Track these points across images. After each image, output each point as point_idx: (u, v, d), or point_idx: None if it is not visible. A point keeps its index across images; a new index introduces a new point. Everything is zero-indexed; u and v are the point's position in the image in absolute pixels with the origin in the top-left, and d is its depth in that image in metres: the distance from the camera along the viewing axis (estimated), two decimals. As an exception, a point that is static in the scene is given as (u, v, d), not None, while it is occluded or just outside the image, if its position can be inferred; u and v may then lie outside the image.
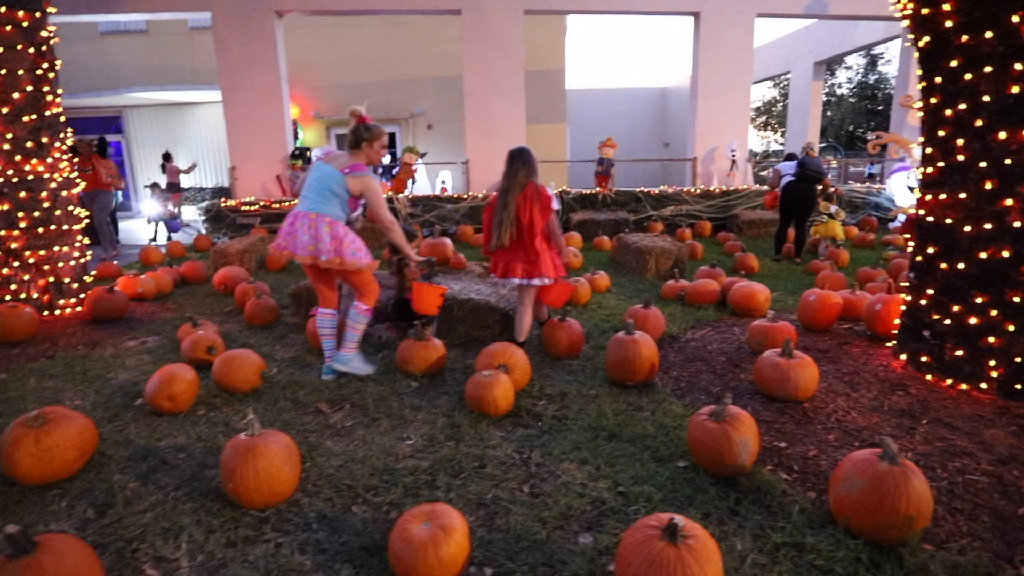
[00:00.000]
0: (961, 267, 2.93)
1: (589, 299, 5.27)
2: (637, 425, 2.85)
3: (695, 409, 3.03)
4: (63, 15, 9.07)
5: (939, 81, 2.88)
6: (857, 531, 1.94)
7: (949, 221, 2.95)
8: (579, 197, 10.36)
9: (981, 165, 2.79)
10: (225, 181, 16.73)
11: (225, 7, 10.02)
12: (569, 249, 6.75)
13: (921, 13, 2.84)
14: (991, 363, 2.88)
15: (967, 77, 2.73)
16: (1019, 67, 2.61)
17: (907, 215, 7.90)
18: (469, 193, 10.51)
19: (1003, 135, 2.71)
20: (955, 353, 3.03)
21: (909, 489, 1.87)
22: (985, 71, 2.69)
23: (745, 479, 2.34)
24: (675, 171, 17.57)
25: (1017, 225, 2.74)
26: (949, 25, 2.73)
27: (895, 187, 10.97)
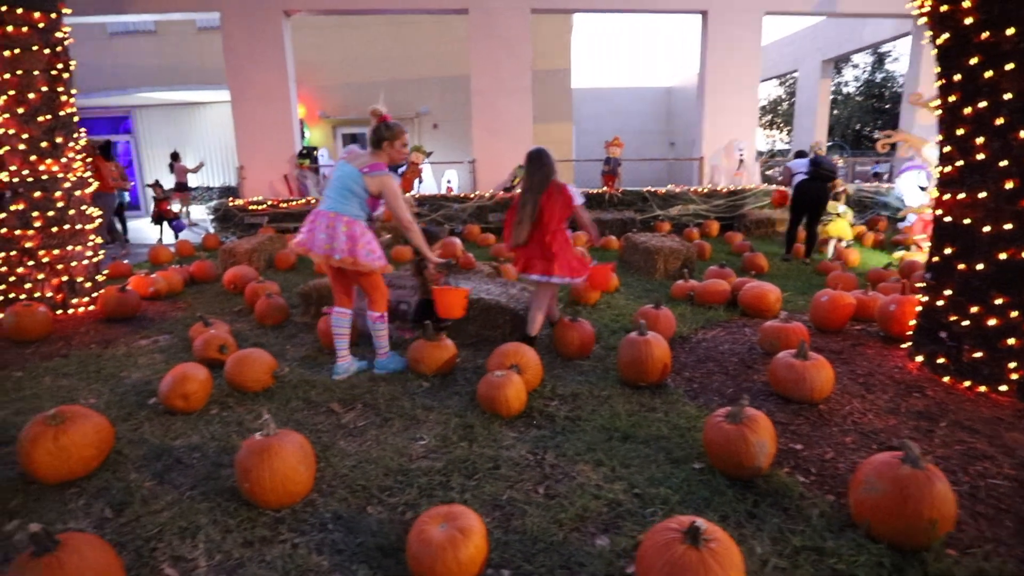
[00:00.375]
0: (980, 268, 2.90)
1: (599, 299, 5.25)
2: (651, 426, 2.83)
3: (708, 410, 3.02)
4: (74, 16, 9.11)
5: (958, 79, 2.85)
6: (878, 535, 1.92)
7: (968, 221, 2.92)
8: (585, 196, 10.32)
9: (1001, 164, 2.76)
10: (233, 180, 16.80)
11: (233, 7, 10.05)
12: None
13: (940, 10, 2.81)
14: (1011, 365, 2.84)
15: (987, 75, 2.70)
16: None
17: (918, 215, 7.84)
18: (476, 192, 10.51)
19: (1024, 134, 2.68)
20: (973, 355, 3.00)
21: (932, 493, 1.85)
22: (1006, 68, 2.66)
23: (762, 481, 2.32)
24: (681, 170, 17.52)
25: (1038, 225, 2.71)
26: (969, 22, 2.70)
27: (905, 186, 10.90)
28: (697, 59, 11.51)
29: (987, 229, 2.85)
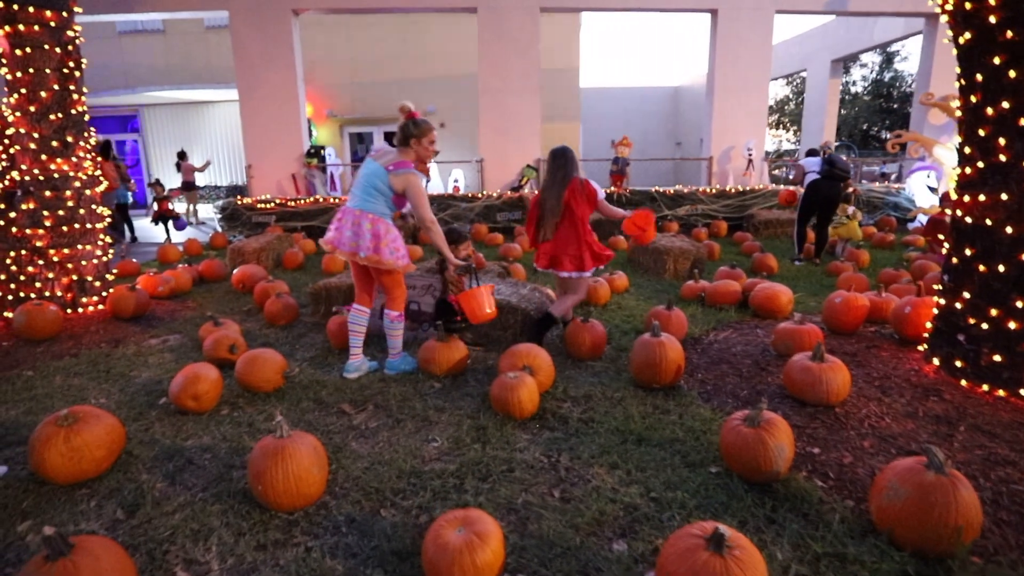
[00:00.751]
0: (1001, 270, 2.85)
1: (608, 299, 5.22)
2: (665, 429, 2.80)
3: (723, 413, 2.99)
4: (83, 15, 9.13)
5: (980, 78, 2.80)
6: (902, 542, 1.89)
7: (989, 222, 2.87)
8: (595, 196, 10.30)
9: (1024, 165, 2.71)
10: (240, 179, 16.85)
11: (242, 6, 10.06)
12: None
13: (964, 8, 2.76)
14: (1031, 369, 2.80)
15: (1011, 74, 2.65)
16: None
17: (929, 215, 7.76)
18: (483, 192, 10.48)
19: (1048, 134, 2.63)
20: (992, 358, 2.95)
21: (958, 499, 1.81)
22: (1030, 68, 2.61)
23: (780, 486, 2.28)
24: (688, 170, 17.46)
25: (1060, 227, 2.66)
26: (993, 20, 2.65)
27: (915, 187, 10.81)
28: (705, 59, 11.45)
29: (1009, 231, 2.80)
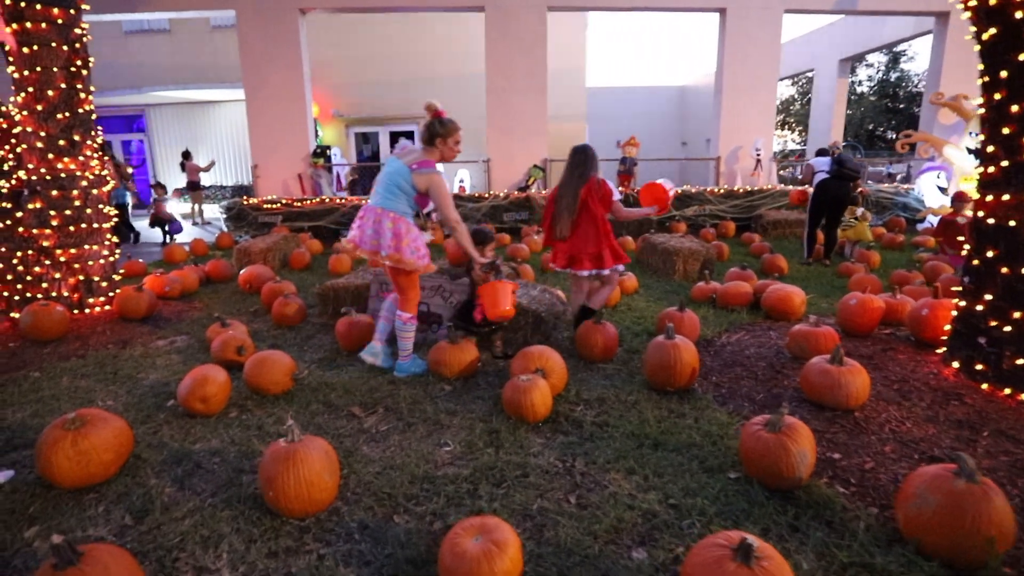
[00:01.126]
0: (1025, 271, 2.79)
1: (618, 301, 5.17)
2: (681, 433, 2.75)
3: (739, 417, 2.93)
4: (90, 14, 9.14)
5: (1005, 75, 2.73)
6: (931, 552, 1.83)
7: (1013, 223, 2.81)
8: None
9: (1050, 164, 2.65)
10: (245, 179, 16.86)
11: (249, 5, 10.04)
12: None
13: (988, 4, 2.70)
14: (1056, 373, 2.73)
15: (1038, 71, 2.60)
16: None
17: (940, 216, 7.68)
18: (490, 192, 10.43)
19: (1074, 133, 2.56)
20: (1015, 361, 2.89)
21: (990, 508, 1.75)
22: (1057, 65, 2.55)
23: (802, 492, 2.23)
24: (694, 171, 17.38)
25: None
26: (1020, 16, 2.59)
27: (925, 187, 10.70)
28: (712, 58, 11.38)
29: (1034, 231, 2.74)
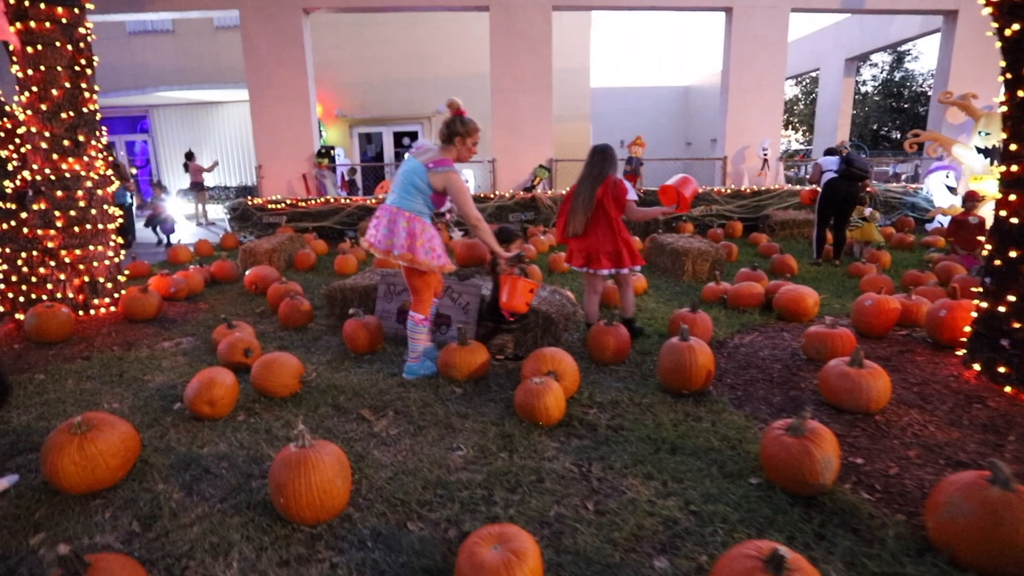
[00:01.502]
0: (1051, 272, 2.72)
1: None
2: (699, 437, 2.69)
3: (757, 420, 2.87)
4: (94, 14, 9.11)
5: (1029, 71, 2.67)
6: (964, 562, 1.77)
7: (1038, 222, 2.75)
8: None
9: (1076, 162, 2.58)
10: (249, 180, 16.83)
11: (253, 5, 10.01)
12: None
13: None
14: (1084, 375, 2.67)
15: (1064, 67, 2.53)
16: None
17: (951, 216, 7.59)
18: (495, 192, 10.38)
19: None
20: (1040, 364, 2.83)
21: (1029, 518, 1.69)
22: (1084, 60, 2.49)
23: (827, 499, 2.17)
24: (699, 170, 17.28)
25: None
26: (1046, 10, 2.53)
27: (934, 187, 10.61)
28: (716, 58, 11.33)
29: (1059, 231, 2.67)
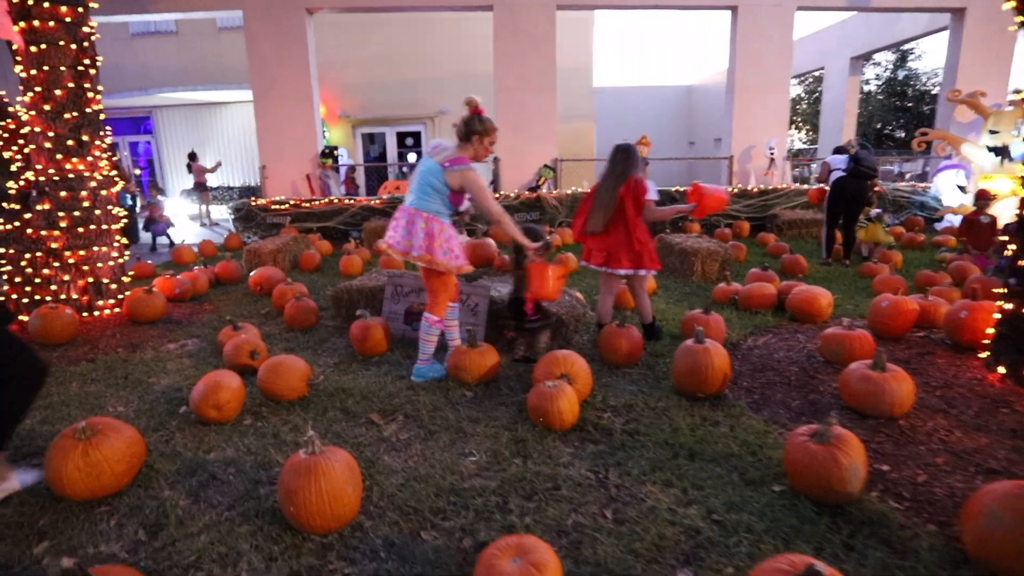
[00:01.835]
0: (1080, 272, 2.65)
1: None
2: (717, 442, 2.62)
3: (776, 425, 2.80)
4: (97, 15, 9.08)
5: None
6: (1004, 575, 1.70)
7: (1067, 221, 2.67)
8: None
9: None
10: (252, 180, 16.80)
11: (256, 5, 9.97)
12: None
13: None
14: (1115, 379, 2.59)
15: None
16: None
17: (963, 215, 7.50)
18: (500, 192, 10.31)
19: None
20: (1068, 367, 2.75)
21: (1073, 530, 1.62)
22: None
23: (854, 508, 2.09)
24: (702, 170, 17.18)
25: None
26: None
27: (943, 186, 10.51)
28: (719, 57, 11.23)
29: (1089, 230, 2.60)
